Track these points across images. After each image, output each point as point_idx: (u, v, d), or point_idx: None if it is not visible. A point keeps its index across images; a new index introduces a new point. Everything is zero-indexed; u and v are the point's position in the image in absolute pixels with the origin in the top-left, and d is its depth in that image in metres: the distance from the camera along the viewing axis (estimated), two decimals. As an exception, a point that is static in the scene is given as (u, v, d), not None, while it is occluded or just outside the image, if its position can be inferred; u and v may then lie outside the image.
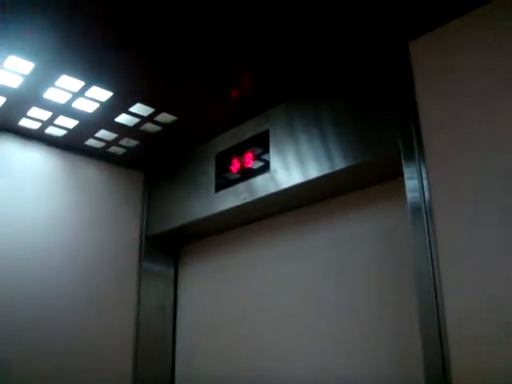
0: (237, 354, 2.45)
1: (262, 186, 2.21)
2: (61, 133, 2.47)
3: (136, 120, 2.34)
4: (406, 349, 1.79)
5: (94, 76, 2.02)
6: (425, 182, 1.62)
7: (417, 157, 1.66)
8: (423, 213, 1.60)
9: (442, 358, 1.45)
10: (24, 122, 2.37)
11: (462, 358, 1.41)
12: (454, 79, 1.63)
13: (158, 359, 2.74)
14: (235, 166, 2.35)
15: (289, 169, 2.11)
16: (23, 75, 2.00)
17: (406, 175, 1.69)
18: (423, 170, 1.63)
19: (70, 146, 2.60)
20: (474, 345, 1.40)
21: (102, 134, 2.47)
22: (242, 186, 2.30)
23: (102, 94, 2.14)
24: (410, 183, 1.67)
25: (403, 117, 1.75)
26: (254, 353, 2.37)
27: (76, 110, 2.25)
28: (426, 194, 1.60)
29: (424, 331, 1.52)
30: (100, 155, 2.71)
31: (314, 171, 2.02)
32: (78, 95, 2.14)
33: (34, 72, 1.97)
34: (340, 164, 1.94)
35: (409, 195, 1.66)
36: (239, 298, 2.53)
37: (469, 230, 1.49)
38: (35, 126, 2.40)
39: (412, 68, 1.74)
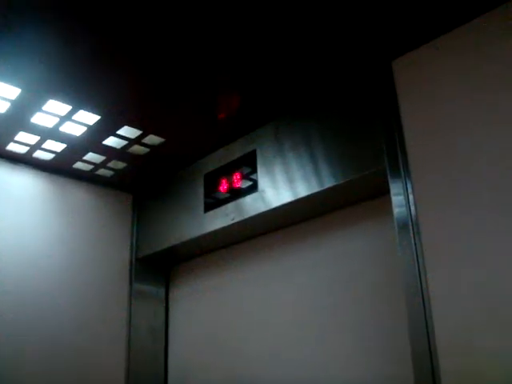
0: (229, 372, 2.44)
1: (251, 205, 2.22)
2: (49, 156, 2.47)
3: (124, 142, 2.35)
4: (396, 361, 1.79)
5: (81, 100, 2.03)
6: (411, 197, 1.64)
7: (402, 173, 1.68)
8: (410, 227, 1.62)
9: (431, 368, 1.46)
10: (11, 147, 2.37)
11: (451, 369, 1.42)
12: (436, 96, 1.66)
13: (151, 380, 2.71)
14: (224, 187, 2.36)
15: (277, 188, 2.12)
16: (10, 100, 2.00)
17: (392, 191, 1.71)
18: (409, 185, 1.65)
19: (58, 169, 2.60)
20: (463, 355, 1.42)
21: (90, 156, 2.48)
22: (230, 206, 2.31)
23: (90, 118, 2.14)
24: (397, 199, 1.69)
25: (388, 134, 1.77)
26: (246, 370, 2.37)
27: (63, 133, 2.25)
28: (412, 209, 1.62)
29: (414, 342, 1.53)
30: (88, 178, 2.71)
31: (302, 190, 2.03)
32: (65, 119, 2.14)
33: (21, 97, 1.98)
34: (328, 182, 1.95)
35: (395, 210, 1.68)
36: (230, 317, 2.53)
37: (455, 242, 1.51)
38: (23, 150, 2.40)
39: (395, 86, 1.78)
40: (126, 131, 2.26)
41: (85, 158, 2.49)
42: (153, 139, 2.33)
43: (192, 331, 2.73)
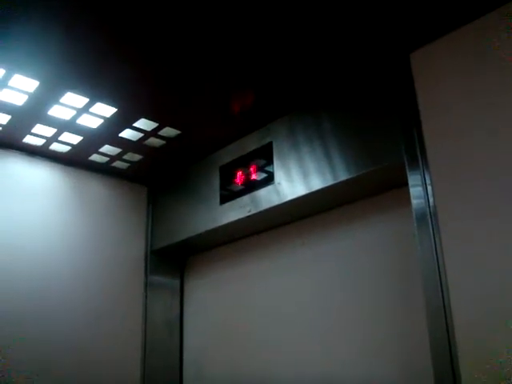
0: (244, 365, 2.46)
1: (267, 197, 2.23)
2: (65, 149, 2.49)
3: (140, 135, 2.36)
4: (414, 354, 1.80)
5: (98, 92, 2.04)
6: (429, 189, 1.64)
7: (421, 165, 1.68)
8: (428, 219, 1.62)
9: (450, 362, 1.46)
10: (29, 139, 2.38)
11: (470, 361, 1.43)
12: (454, 88, 1.65)
13: (166, 372, 2.74)
14: (239, 179, 2.37)
15: (293, 180, 2.13)
16: (28, 93, 2.02)
17: (410, 183, 1.71)
18: (427, 177, 1.65)
19: (74, 161, 2.62)
20: (482, 346, 1.42)
21: (106, 149, 2.49)
22: (246, 198, 2.32)
23: (106, 110, 2.16)
24: (415, 190, 1.69)
25: (406, 126, 1.77)
26: (262, 362, 2.38)
27: (80, 125, 2.27)
28: (431, 201, 1.62)
29: (432, 334, 1.53)
30: (104, 170, 2.73)
31: (318, 182, 2.03)
32: (82, 111, 2.16)
33: (39, 90, 1.99)
34: (344, 175, 1.95)
35: (414, 202, 1.68)
36: (245, 309, 2.54)
37: (474, 234, 1.50)
38: (40, 142, 2.42)
39: (413, 78, 1.77)
40: (143, 123, 2.26)
41: (101, 150, 2.50)
42: (169, 131, 2.34)
43: (207, 323, 2.75)
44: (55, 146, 2.47)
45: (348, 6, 1.60)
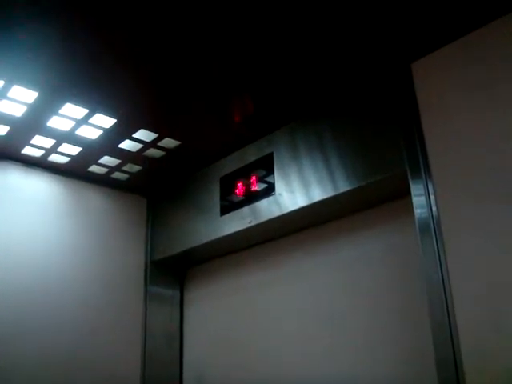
0: (245, 375, 2.43)
1: (267, 209, 2.21)
2: (64, 160, 2.47)
3: (139, 146, 2.35)
4: (420, 362, 1.78)
5: (97, 104, 2.03)
6: (432, 198, 1.63)
7: (423, 174, 1.67)
8: (431, 228, 1.61)
9: (455, 369, 1.45)
10: (27, 150, 2.37)
11: (475, 368, 1.41)
12: (456, 97, 1.65)
13: (166, 382, 2.71)
14: (240, 190, 2.35)
15: (294, 191, 2.11)
16: (27, 104, 2.01)
17: (413, 192, 1.70)
18: (430, 186, 1.65)
19: (73, 172, 2.61)
20: (486, 353, 1.41)
21: (106, 160, 2.48)
22: (247, 209, 2.30)
23: (106, 121, 2.15)
24: (418, 200, 1.68)
25: (408, 136, 1.76)
26: (261, 373, 2.35)
27: (79, 137, 2.26)
28: (434, 210, 1.61)
29: (437, 342, 1.53)
30: (103, 181, 2.72)
31: (319, 193, 2.02)
32: (81, 122, 2.15)
33: (38, 101, 1.98)
34: (345, 186, 1.94)
35: (417, 211, 1.68)
36: (245, 320, 2.52)
37: (477, 242, 1.50)
38: (38, 153, 2.41)
39: (415, 88, 1.77)
40: (142, 134, 2.25)
41: (100, 161, 2.49)
42: (168, 142, 2.33)
43: (207, 334, 2.72)
44: (54, 157, 2.45)
45: (350, 16, 1.59)
